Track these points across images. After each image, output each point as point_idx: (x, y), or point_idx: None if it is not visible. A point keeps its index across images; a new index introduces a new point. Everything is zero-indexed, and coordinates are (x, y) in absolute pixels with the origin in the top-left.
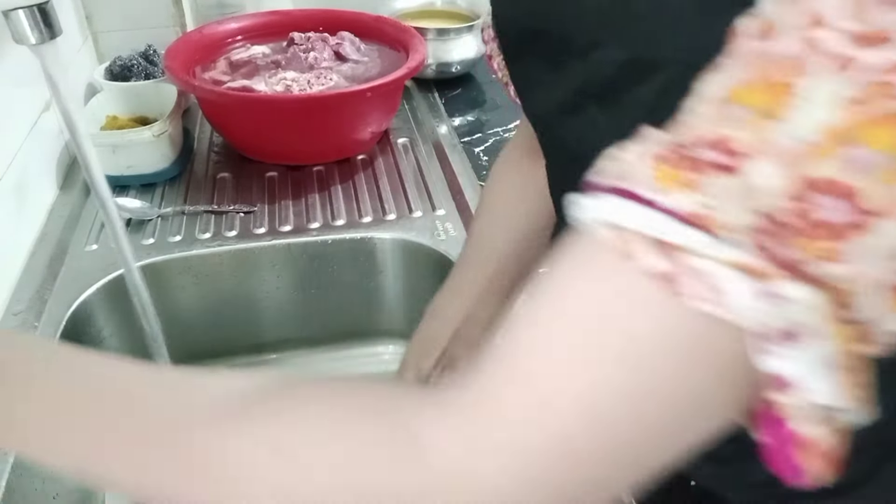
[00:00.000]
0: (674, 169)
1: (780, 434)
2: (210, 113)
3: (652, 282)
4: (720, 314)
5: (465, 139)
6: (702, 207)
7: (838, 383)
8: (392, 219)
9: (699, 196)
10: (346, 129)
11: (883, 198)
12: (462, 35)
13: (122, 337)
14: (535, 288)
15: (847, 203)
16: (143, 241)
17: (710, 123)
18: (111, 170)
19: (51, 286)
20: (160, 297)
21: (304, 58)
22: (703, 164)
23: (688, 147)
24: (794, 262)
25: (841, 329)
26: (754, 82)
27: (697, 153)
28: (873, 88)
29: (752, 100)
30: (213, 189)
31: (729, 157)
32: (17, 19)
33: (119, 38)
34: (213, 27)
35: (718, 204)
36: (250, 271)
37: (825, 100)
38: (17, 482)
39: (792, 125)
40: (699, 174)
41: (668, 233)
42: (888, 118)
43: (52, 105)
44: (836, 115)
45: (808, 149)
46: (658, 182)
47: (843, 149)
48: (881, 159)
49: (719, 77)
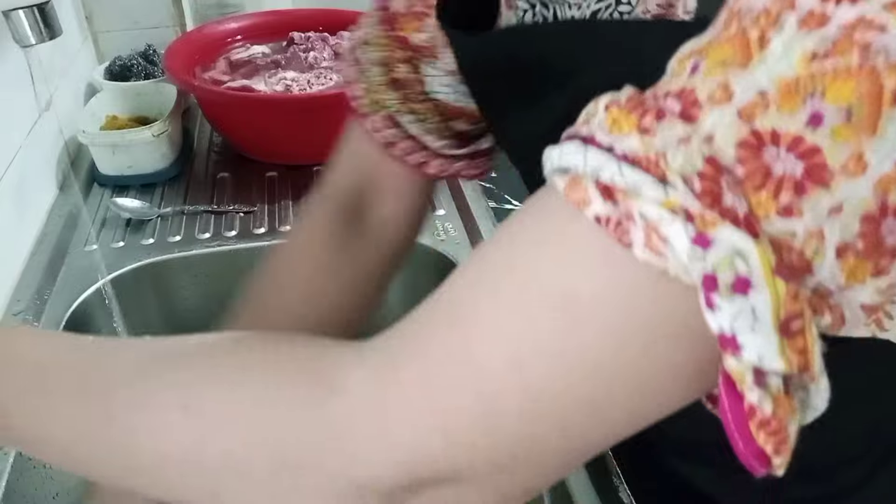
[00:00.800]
0: (631, 115)
1: (734, 406)
2: (210, 113)
3: (599, 230)
4: (665, 265)
5: None
6: (653, 151)
7: (771, 342)
8: None
9: (653, 140)
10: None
11: (834, 153)
12: None
13: (121, 337)
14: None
15: (795, 156)
16: (142, 241)
17: (678, 77)
18: (111, 170)
19: (51, 286)
20: (160, 297)
21: (303, 57)
22: (664, 112)
23: (653, 98)
24: (735, 211)
25: (780, 284)
26: (728, 37)
27: (661, 103)
28: (837, 43)
29: (722, 53)
30: (212, 189)
31: (689, 107)
32: (17, 19)
33: (119, 38)
34: (212, 27)
35: (671, 149)
36: (250, 271)
37: (787, 53)
38: (17, 482)
39: (753, 77)
40: (658, 121)
41: (618, 176)
42: (848, 72)
43: (52, 105)
44: (794, 69)
45: (762, 100)
46: (614, 126)
47: (797, 102)
48: (835, 114)
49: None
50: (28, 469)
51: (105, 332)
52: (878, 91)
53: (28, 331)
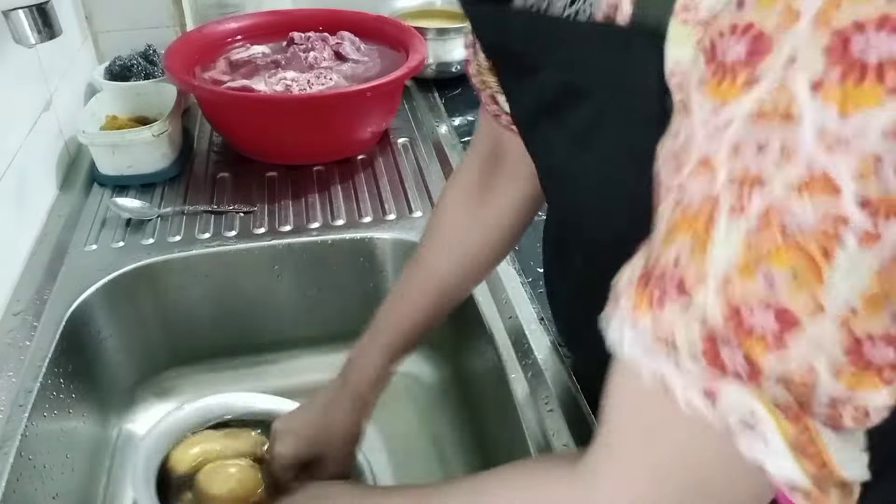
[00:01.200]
0: (643, 295)
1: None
2: (210, 113)
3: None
4: (708, 419)
5: (465, 139)
6: (664, 330)
7: (793, 461)
8: (392, 219)
9: (663, 317)
10: (346, 129)
11: (798, 302)
12: (462, 35)
13: (121, 337)
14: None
15: (767, 311)
16: (142, 241)
17: (661, 254)
18: (111, 170)
19: (51, 286)
20: (160, 298)
21: (303, 58)
22: (664, 292)
23: (653, 275)
24: (729, 366)
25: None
26: (681, 220)
27: (659, 282)
28: (759, 231)
29: (682, 233)
30: (212, 189)
31: (680, 288)
32: (16, 19)
33: (119, 38)
34: (213, 27)
35: (675, 325)
36: (250, 271)
37: (728, 239)
38: (17, 482)
39: (713, 258)
40: (662, 299)
41: (651, 359)
42: (778, 248)
43: (52, 105)
44: (738, 252)
45: (727, 276)
46: (635, 309)
47: (754, 273)
48: (785, 275)
49: (663, 210)
50: (28, 469)
51: (104, 332)
52: (809, 257)
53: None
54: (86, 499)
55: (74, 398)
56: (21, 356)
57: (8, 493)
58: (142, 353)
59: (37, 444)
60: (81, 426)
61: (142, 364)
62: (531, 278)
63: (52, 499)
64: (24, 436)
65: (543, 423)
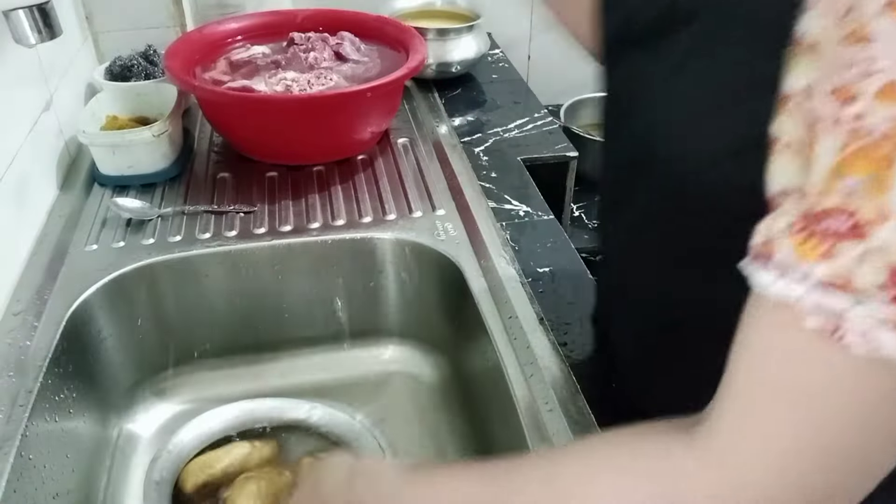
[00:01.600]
0: (809, 241)
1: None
2: (210, 113)
3: (822, 340)
4: (880, 355)
5: (465, 139)
6: (840, 275)
7: None
8: (392, 219)
9: (836, 264)
10: (346, 129)
11: None
12: (462, 35)
13: (122, 337)
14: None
15: None
16: (143, 241)
17: (829, 195)
18: (111, 170)
19: (51, 286)
20: (160, 298)
21: (304, 58)
22: (832, 235)
23: (817, 219)
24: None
25: None
26: (854, 155)
27: (825, 225)
28: None
29: (859, 170)
30: (213, 189)
31: (854, 226)
32: (16, 19)
33: (119, 38)
34: (213, 27)
35: (853, 269)
36: (251, 271)
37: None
38: (17, 482)
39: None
40: (832, 244)
41: (823, 300)
42: None
43: (52, 105)
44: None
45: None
46: (801, 258)
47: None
48: None
49: (823, 146)
50: (28, 469)
51: (105, 333)
52: None
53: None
54: (86, 499)
55: (75, 398)
56: (21, 356)
57: (8, 493)
58: (142, 353)
59: (37, 444)
60: (82, 426)
61: (142, 364)
62: (531, 278)
63: (52, 499)
64: (24, 436)
65: (543, 424)
